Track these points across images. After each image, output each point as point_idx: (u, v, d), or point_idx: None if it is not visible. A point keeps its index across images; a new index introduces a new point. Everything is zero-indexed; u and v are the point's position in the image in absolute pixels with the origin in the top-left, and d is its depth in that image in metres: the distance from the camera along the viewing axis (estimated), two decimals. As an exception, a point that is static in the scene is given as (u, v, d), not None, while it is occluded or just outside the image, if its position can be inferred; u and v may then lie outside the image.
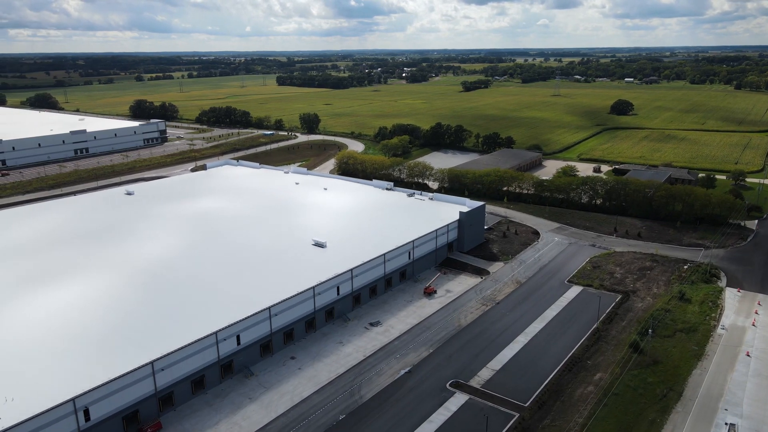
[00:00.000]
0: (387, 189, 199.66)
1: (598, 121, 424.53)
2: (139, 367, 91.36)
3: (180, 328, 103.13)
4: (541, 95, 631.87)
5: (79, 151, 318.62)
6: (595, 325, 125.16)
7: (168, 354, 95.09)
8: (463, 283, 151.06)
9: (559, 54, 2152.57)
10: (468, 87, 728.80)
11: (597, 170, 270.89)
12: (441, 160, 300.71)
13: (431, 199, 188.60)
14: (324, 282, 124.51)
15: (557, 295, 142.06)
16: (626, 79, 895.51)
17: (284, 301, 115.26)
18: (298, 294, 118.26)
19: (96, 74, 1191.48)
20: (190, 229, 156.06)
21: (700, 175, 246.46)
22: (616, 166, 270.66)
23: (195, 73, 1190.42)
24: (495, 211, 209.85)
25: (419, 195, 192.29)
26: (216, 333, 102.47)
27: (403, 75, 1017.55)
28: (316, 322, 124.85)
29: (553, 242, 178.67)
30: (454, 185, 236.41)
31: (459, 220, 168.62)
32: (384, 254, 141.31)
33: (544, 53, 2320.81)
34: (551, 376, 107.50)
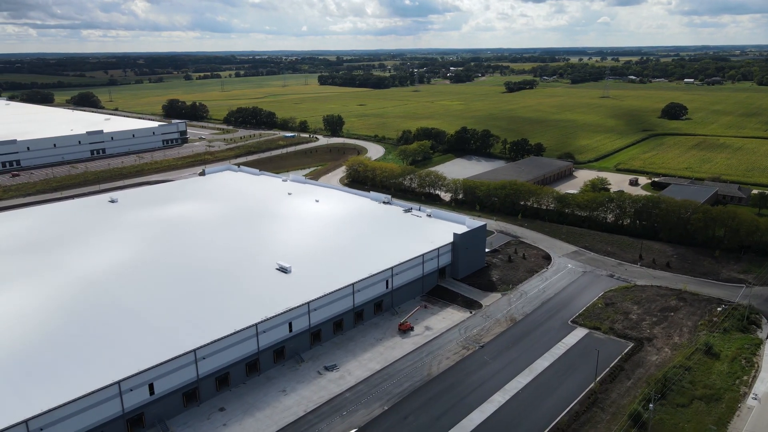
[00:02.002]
0: (384, 203, 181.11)
1: (645, 126, 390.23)
2: (8, 428, 77.04)
3: (77, 374, 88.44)
4: (588, 97, 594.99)
5: (95, 152, 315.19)
6: (591, 385, 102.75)
7: (50, 410, 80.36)
8: (447, 318, 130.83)
9: (618, 53, 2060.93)
10: (511, 88, 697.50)
11: (634, 183, 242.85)
12: (462, 168, 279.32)
13: (429, 215, 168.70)
14: (271, 318, 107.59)
15: (555, 340, 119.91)
16: (686, 80, 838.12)
17: (215, 341, 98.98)
18: (235, 333, 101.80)
19: (150, 73, 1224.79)
20: (149, 243, 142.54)
21: (754, 191, 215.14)
22: (655, 179, 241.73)
23: (242, 72, 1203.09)
24: (507, 229, 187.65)
25: (417, 211, 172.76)
26: (119, 383, 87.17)
27: (448, 75, 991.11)
28: (260, 364, 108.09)
29: (565, 270, 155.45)
30: (468, 197, 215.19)
31: (453, 243, 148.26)
32: (353, 284, 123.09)
33: (602, 52, 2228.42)
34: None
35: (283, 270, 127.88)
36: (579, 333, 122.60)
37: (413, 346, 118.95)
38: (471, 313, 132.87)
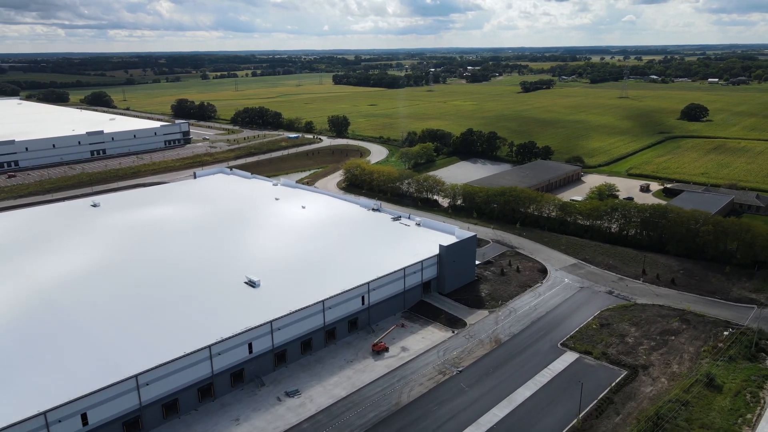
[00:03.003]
0: (373, 209, 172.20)
1: (662, 128, 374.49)
2: None
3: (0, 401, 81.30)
4: (606, 97, 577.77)
5: (95, 153, 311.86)
6: (573, 422, 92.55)
7: (-38, 444, 73.38)
8: (427, 338, 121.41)
9: (642, 52, 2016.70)
10: (527, 88, 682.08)
11: (645, 189, 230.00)
12: (466, 172, 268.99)
13: (418, 224, 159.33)
14: (226, 339, 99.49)
15: (541, 365, 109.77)
16: (710, 80, 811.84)
17: (161, 366, 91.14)
18: (184, 356, 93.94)
19: (169, 72, 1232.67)
20: (115, 251, 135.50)
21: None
22: (668, 185, 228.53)
23: (259, 72, 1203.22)
24: (504, 238, 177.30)
25: (406, 219, 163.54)
26: (45, 413, 79.80)
27: (465, 75, 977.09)
28: (215, 389, 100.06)
29: (561, 285, 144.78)
30: (467, 203, 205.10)
31: (439, 255, 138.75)
32: (323, 301, 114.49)
33: (626, 51, 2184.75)
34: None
35: (251, 284, 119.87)
36: (568, 358, 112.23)
37: (386, 369, 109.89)
38: (453, 332, 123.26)
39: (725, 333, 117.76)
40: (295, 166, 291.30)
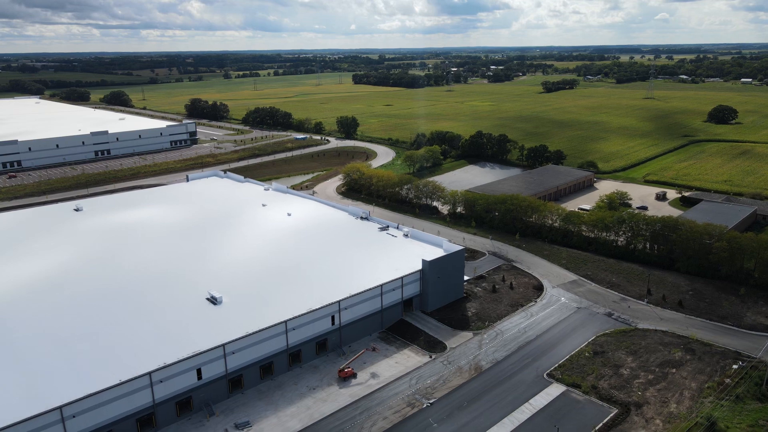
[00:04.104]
0: (361, 218, 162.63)
1: (686, 131, 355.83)
2: None
3: None
4: (630, 98, 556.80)
5: (100, 153, 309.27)
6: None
7: None
8: (401, 363, 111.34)
9: (675, 51, 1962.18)
10: (549, 88, 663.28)
11: (660, 197, 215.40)
12: (472, 176, 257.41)
13: (406, 235, 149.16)
14: (170, 365, 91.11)
15: (522, 399, 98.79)
16: (743, 80, 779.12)
17: (91, 396, 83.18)
18: (119, 384, 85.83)
19: (195, 72, 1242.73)
20: (78, 259, 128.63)
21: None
22: (685, 194, 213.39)
23: (281, 71, 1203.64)
24: (501, 250, 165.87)
25: (394, 229, 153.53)
26: (-50, 449, 72.52)
27: (487, 74, 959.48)
28: (156, 419, 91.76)
29: (557, 304, 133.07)
30: (469, 211, 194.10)
31: (422, 271, 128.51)
32: (285, 322, 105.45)
33: (657, 50, 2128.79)
34: None
35: (213, 300, 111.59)
36: (553, 391, 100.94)
37: (350, 398, 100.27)
38: (431, 357, 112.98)
39: (734, 367, 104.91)
40: (298, 169, 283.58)
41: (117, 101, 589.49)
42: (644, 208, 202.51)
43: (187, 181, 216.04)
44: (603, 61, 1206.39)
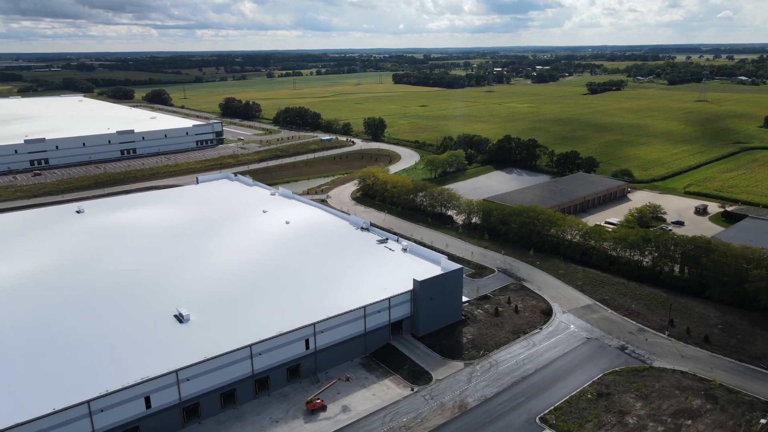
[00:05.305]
0: (362, 229, 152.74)
1: (739, 138, 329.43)
2: None
3: None
4: (681, 101, 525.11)
5: (126, 152, 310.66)
6: None
7: None
8: (378, 395, 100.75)
9: (738, 51, 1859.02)
10: (594, 89, 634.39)
11: (700, 211, 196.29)
12: (497, 183, 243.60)
13: (405, 249, 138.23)
14: (113, 393, 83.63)
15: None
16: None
17: (17, 426, 76.36)
18: (54, 413, 78.86)
19: (241, 71, 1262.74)
20: (44, 270, 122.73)
21: None
22: (729, 208, 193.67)
23: (324, 70, 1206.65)
24: (513, 267, 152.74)
25: (393, 243, 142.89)
26: None
27: (532, 74, 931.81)
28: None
29: (565, 333, 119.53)
30: (484, 221, 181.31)
31: (413, 291, 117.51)
32: (250, 346, 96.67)
33: (718, 49, 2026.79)
34: None
35: (180, 318, 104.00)
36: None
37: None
38: (413, 389, 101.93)
39: (762, 421, 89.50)
40: (318, 171, 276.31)
41: (157, 100, 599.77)
42: (680, 223, 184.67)
43: (197, 183, 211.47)
44: (656, 62, 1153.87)
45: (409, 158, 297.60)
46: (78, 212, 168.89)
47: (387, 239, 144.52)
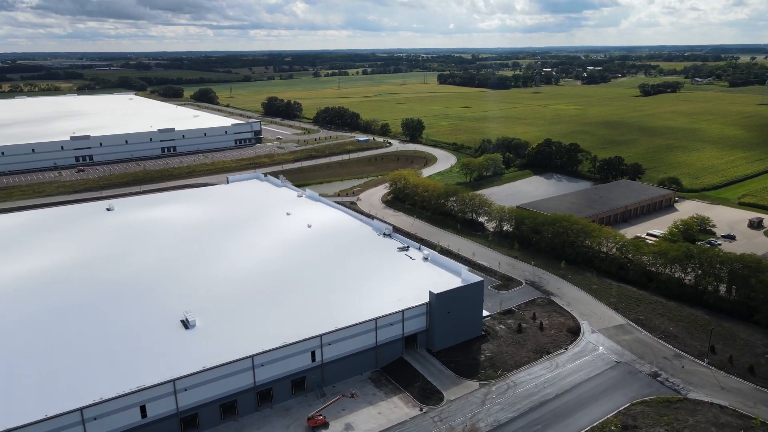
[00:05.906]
0: (384, 235, 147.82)
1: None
2: None
3: None
4: (742, 104, 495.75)
5: (166, 150, 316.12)
6: None
7: None
8: (384, 414, 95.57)
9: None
10: (647, 91, 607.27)
11: (755, 225, 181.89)
12: (534, 189, 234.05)
13: (426, 258, 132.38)
14: (107, 401, 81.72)
15: (514, 482, 80.00)
16: None
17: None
18: (45, 420, 77.48)
19: (290, 70, 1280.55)
20: (53, 269, 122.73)
21: None
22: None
23: (370, 70, 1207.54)
24: (542, 279, 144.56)
25: (415, 251, 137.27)
26: None
27: (583, 75, 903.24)
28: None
29: (592, 355, 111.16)
30: (519, 229, 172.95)
31: (428, 304, 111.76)
32: (252, 357, 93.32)
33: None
34: None
35: (186, 324, 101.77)
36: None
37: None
38: (421, 410, 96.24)
39: (810, 470, 79.40)
40: (352, 172, 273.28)
41: (204, 98, 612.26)
42: (731, 237, 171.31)
43: (227, 183, 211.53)
44: (717, 62, 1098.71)
45: (445, 160, 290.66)
46: (108, 210, 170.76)
47: (408, 247, 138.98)
